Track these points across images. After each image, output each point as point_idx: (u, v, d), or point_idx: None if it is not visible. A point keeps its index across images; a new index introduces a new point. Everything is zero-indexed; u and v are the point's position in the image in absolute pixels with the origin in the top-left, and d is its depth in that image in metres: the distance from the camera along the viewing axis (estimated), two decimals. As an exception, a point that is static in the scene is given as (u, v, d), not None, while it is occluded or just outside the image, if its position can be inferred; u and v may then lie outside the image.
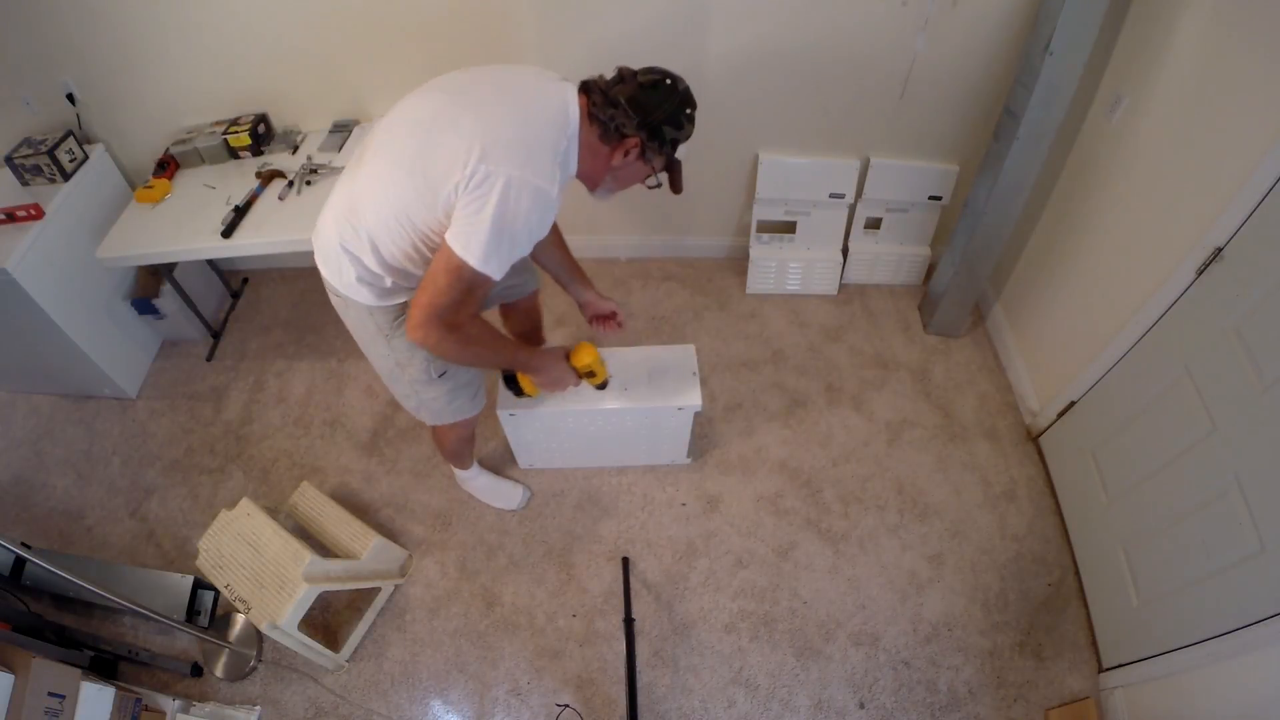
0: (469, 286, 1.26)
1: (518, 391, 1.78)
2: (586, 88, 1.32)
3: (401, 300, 1.46)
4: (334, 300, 1.50)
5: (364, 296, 1.41)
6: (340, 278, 1.41)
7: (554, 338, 2.63)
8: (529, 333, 2.16)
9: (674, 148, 1.35)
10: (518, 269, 1.82)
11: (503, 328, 2.14)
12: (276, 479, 2.32)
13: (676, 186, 1.45)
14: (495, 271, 1.25)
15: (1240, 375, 1.49)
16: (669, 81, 1.30)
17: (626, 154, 1.32)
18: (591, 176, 1.40)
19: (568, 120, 1.28)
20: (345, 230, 1.35)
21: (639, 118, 1.27)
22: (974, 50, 2.18)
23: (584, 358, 1.71)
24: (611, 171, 1.37)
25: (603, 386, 1.89)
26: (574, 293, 1.84)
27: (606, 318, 1.84)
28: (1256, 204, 1.47)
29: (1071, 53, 1.85)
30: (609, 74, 1.34)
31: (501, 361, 1.56)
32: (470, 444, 2.04)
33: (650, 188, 1.44)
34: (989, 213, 2.22)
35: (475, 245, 1.21)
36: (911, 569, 2.07)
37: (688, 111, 1.32)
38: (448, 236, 1.23)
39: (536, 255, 1.78)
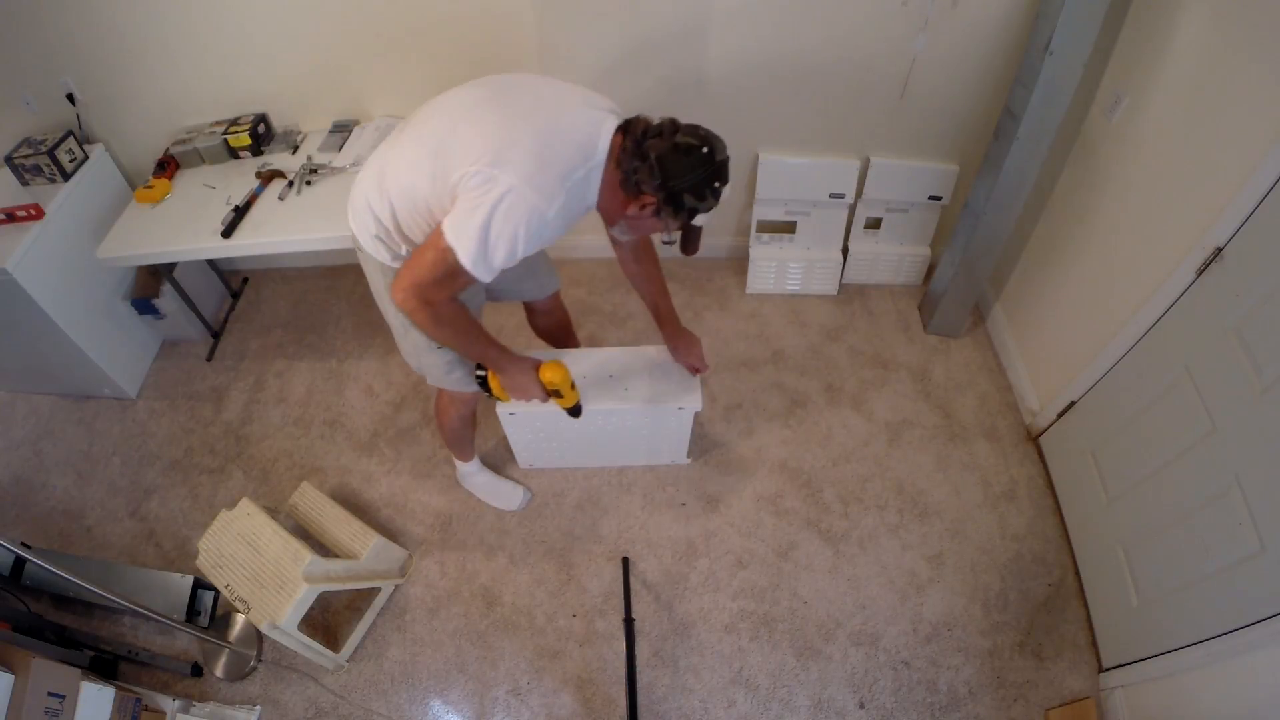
0: (450, 273, 1.28)
1: (486, 389, 1.65)
2: (626, 128, 1.29)
3: None
4: (359, 254, 1.57)
5: (381, 255, 1.49)
6: (363, 234, 1.49)
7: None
8: (555, 331, 2.16)
9: (691, 216, 1.30)
10: (530, 272, 1.83)
11: (529, 324, 2.16)
12: (276, 479, 2.32)
13: (687, 249, 1.41)
14: (482, 273, 1.27)
15: (1240, 375, 1.49)
16: (705, 150, 1.24)
17: (642, 208, 1.30)
18: (609, 214, 1.41)
19: (594, 151, 1.28)
20: (373, 193, 1.43)
21: (660, 179, 1.23)
22: (974, 50, 2.18)
23: (550, 374, 1.57)
24: (626, 218, 1.36)
25: (574, 412, 1.71)
26: (663, 333, 1.91)
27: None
28: (1256, 204, 1.47)
29: (1071, 53, 1.85)
30: (655, 116, 1.30)
31: (471, 351, 1.54)
32: (471, 428, 2.03)
33: (664, 243, 1.42)
34: (989, 213, 2.22)
35: (465, 241, 1.24)
36: (911, 569, 2.07)
37: (715, 185, 1.26)
38: (444, 221, 1.27)
39: (634, 285, 1.84)
